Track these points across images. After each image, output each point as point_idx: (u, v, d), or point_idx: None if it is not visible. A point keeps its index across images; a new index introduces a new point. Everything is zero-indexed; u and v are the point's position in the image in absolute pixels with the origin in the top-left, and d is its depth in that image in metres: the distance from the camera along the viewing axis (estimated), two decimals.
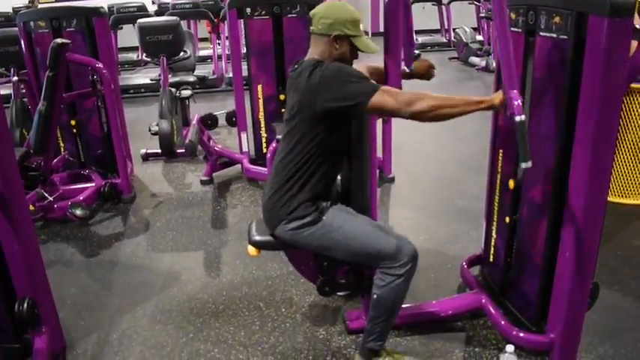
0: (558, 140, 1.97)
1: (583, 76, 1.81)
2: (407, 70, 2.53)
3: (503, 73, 1.88)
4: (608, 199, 2.12)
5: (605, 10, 1.66)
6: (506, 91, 1.89)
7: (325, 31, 1.96)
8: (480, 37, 8.95)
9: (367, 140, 2.14)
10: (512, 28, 2.22)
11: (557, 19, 1.89)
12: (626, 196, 3.63)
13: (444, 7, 10.19)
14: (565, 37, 1.86)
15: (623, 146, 3.52)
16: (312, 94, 1.89)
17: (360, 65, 2.26)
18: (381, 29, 2.74)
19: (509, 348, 2.04)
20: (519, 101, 1.85)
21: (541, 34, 2.00)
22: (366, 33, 2.14)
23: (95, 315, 2.66)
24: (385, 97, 1.86)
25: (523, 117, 1.85)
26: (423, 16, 10.29)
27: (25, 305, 2.17)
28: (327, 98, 1.88)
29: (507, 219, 2.36)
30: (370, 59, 2.26)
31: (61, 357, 2.35)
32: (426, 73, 2.53)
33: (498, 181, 2.47)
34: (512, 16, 2.19)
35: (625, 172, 3.58)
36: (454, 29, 9.68)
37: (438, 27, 10.60)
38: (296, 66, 2.05)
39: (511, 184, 2.31)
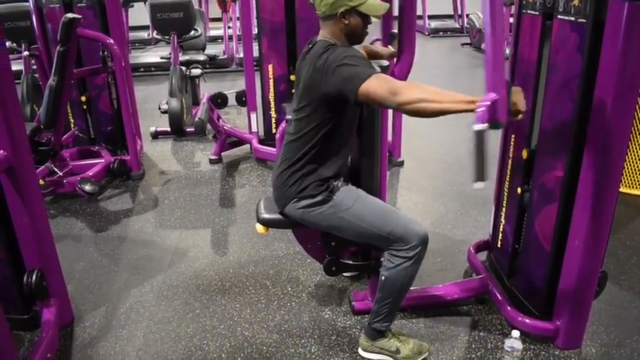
0: (572, 126, 1.95)
1: (600, 61, 1.78)
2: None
3: (486, 70, 1.67)
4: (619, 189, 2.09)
5: None
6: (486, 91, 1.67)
7: (330, 11, 1.90)
8: None
9: (378, 122, 2.11)
10: (529, 11, 2.19)
11: (576, 2, 1.85)
12: (636, 187, 3.60)
13: None
14: (584, 20, 1.82)
15: (635, 136, 3.49)
16: (317, 77, 1.86)
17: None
18: (395, 13, 2.70)
19: (515, 333, 2.05)
20: (484, 108, 1.59)
21: (559, 17, 1.96)
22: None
23: (103, 289, 2.68)
24: (375, 84, 1.73)
25: (482, 126, 1.59)
26: (436, 1, 10.21)
27: (34, 277, 2.19)
28: (328, 82, 1.83)
29: (519, 189, 2.32)
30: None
31: (69, 329, 2.38)
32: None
33: (509, 167, 2.46)
34: None
35: (636, 162, 3.55)
36: (467, 15, 9.58)
37: (451, 12, 10.49)
38: (310, 45, 2.01)
39: (524, 154, 2.24)
